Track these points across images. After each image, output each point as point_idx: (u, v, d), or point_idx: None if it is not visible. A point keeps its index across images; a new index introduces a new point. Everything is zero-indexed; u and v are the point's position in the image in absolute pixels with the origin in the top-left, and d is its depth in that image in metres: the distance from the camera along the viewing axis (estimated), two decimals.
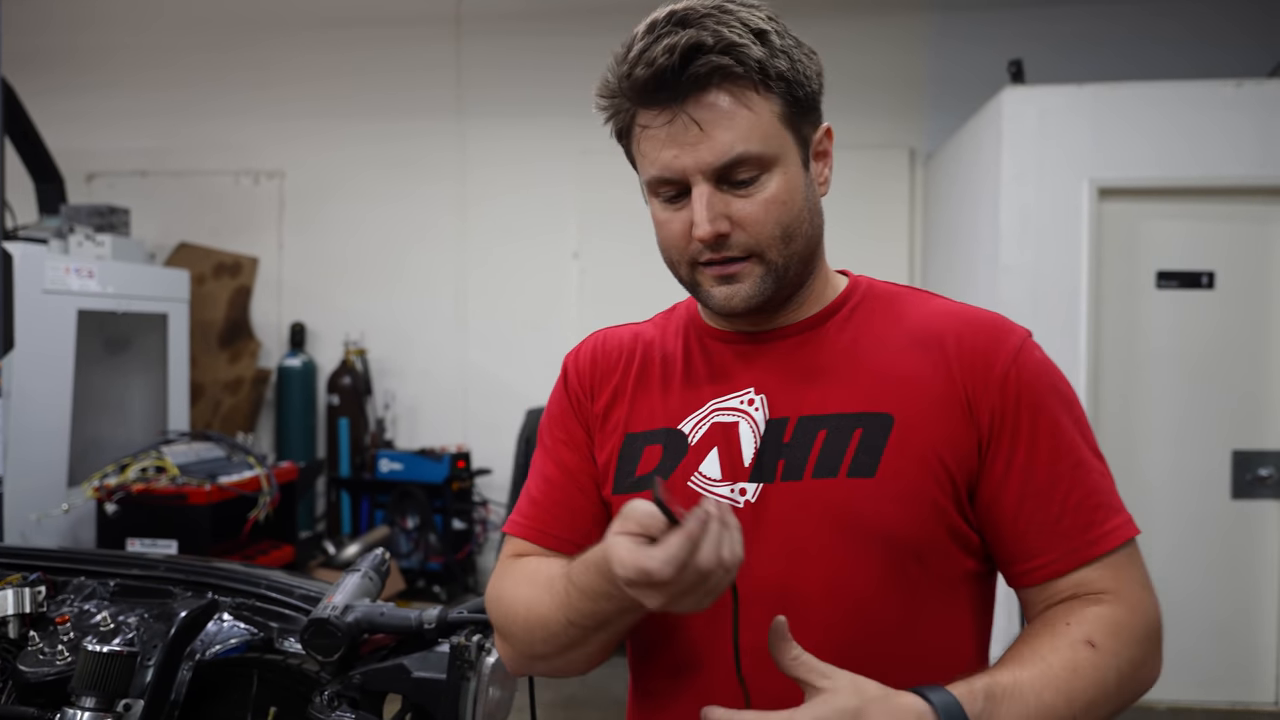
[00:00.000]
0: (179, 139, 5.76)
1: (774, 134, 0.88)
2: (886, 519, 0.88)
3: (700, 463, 0.95)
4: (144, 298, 4.48)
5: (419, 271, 5.64)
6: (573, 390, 1.06)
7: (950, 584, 0.92)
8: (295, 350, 5.58)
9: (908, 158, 5.33)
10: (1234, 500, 3.86)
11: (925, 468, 0.89)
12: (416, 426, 5.62)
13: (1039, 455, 0.90)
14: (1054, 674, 0.83)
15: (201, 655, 1.31)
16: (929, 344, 0.94)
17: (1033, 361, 0.93)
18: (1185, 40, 4.95)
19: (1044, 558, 0.89)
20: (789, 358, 0.96)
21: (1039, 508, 0.89)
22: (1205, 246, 3.86)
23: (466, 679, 1.22)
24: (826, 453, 0.90)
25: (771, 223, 0.89)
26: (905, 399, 0.91)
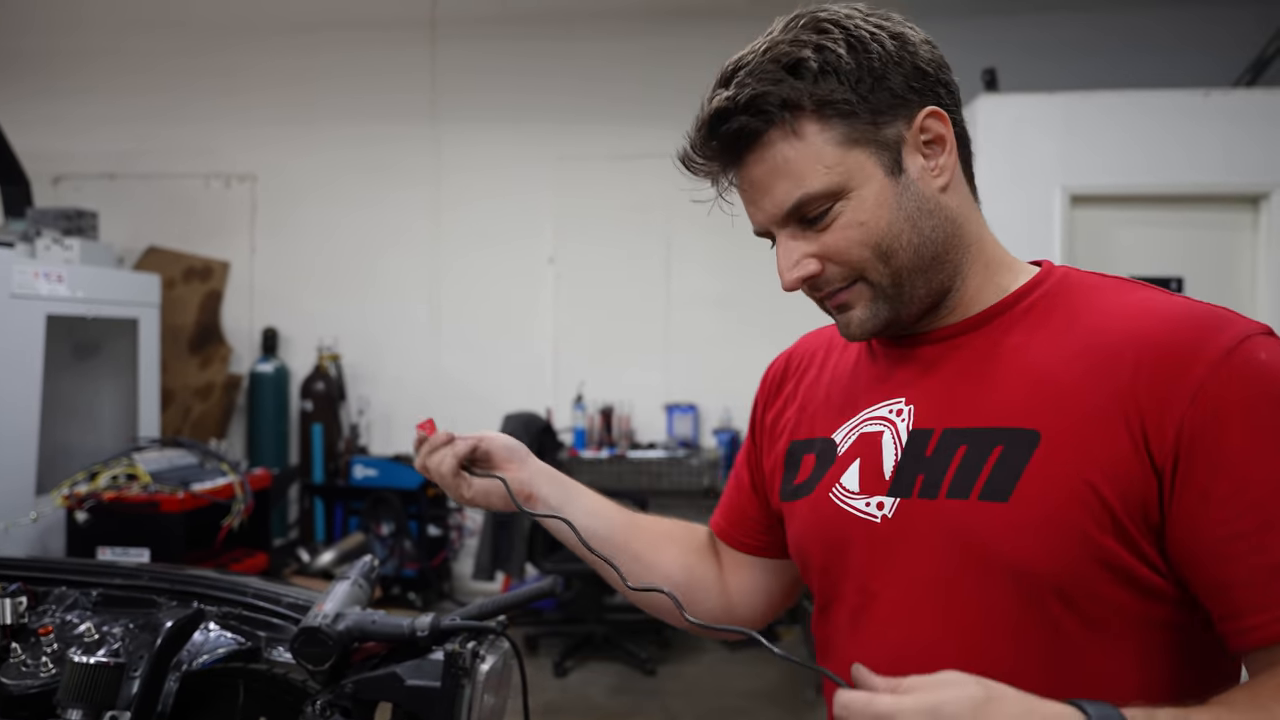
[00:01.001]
0: (148, 142, 5.69)
1: (834, 162, 0.83)
2: (1018, 550, 0.77)
3: (843, 473, 0.91)
4: (114, 302, 4.41)
5: (393, 277, 5.61)
6: (758, 397, 1.10)
7: (1115, 631, 0.78)
8: (267, 355, 5.52)
9: None
10: None
11: (1072, 494, 0.76)
12: (391, 432, 5.57)
13: (1246, 488, 0.72)
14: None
15: (189, 665, 1.29)
16: (1106, 347, 0.79)
17: (1250, 366, 0.74)
18: (1155, 50, 5.04)
19: (1257, 616, 0.71)
20: (942, 362, 0.89)
21: (1245, 553, 0.71)
22: (1174, 252, 3.93)
23: (462, 686, 1.20)
24: (963, 471, 0.82)
25: (857, 247, 0.84)
26: (1059, 413, 0.78)
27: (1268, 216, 3.84)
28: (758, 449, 1.07)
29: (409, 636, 1.26)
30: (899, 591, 0.84)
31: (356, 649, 1.33)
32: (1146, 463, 0.75)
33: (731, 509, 1.11)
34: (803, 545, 0.96)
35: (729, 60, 0.87)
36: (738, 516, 1.10)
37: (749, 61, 0.84)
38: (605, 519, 1.10)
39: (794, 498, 0.97)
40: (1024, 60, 4.91)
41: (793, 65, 0.83)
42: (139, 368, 4.59)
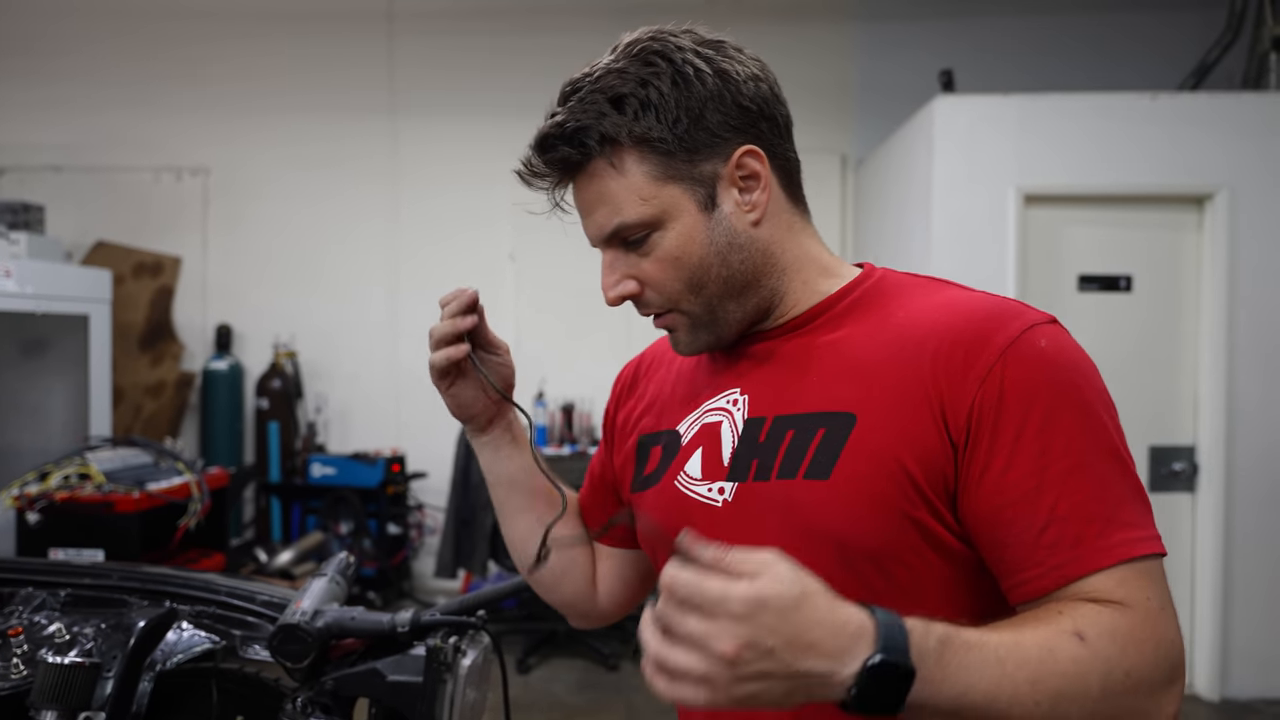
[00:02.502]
0: (97, 134, 5.56)
1: (650, 195, 0.88)
2: (838, 523, 0.84)
3: (686, 462, 0.97)
4: (63, 298, 4.31)
5: (350, 272, 5.55)
6: (611, 398, 1.16)
7: (930, 599, 0.84)
8: (221, 353, 5.42)
9: (839, 163, 5.44)
10: (1151, 493, 4.01)
11: (883, 469, 0.83)
12: (349, 430, 5.52)
13: (1021, 459, 0.80)
14: (1025, 650, 0.72)
15: (163, 665, 1.28)
16: (914, 338, 0.87)
17: (1032, 352, 0.82)
18: (1105, 54, 5.17)
19: (1027, 572, 0.80)
20: (772, 356, 0.96)
21: (1019, 517, 0.80)
22: (1123, 251, 4.03)
23: (443, 681, 1.21)
24: (791, 453, 0.89)
25: (670, 280, 0.92)
26: (872, 397, 0.86)
27: (1212, 216, 3.95)
28: (610, 446, 1.14)
29: (389, 632, 1.26)
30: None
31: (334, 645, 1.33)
32: (945, 439, 0.83)
33: (589, 506, 1.17)
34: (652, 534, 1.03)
35: (569, 78, 0.92)
36: (596, 512, 1.16)
37: (582, 87, 0.90)
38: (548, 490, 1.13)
39: (643, 488, 1.03)
40: (980, 63, 5.01)
41: (617, 99, 0.88)
42: (90, 365, 4.49)
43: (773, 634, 0.65)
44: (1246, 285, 3.93)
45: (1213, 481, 3.95)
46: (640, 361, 1.15)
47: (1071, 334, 0.87)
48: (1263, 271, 3.94)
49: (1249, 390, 3.94)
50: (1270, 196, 3.94)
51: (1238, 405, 3.94)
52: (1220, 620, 3.94)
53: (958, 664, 0.70)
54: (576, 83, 0.91)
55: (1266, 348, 3.95)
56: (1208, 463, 3.97)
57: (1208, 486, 3.97)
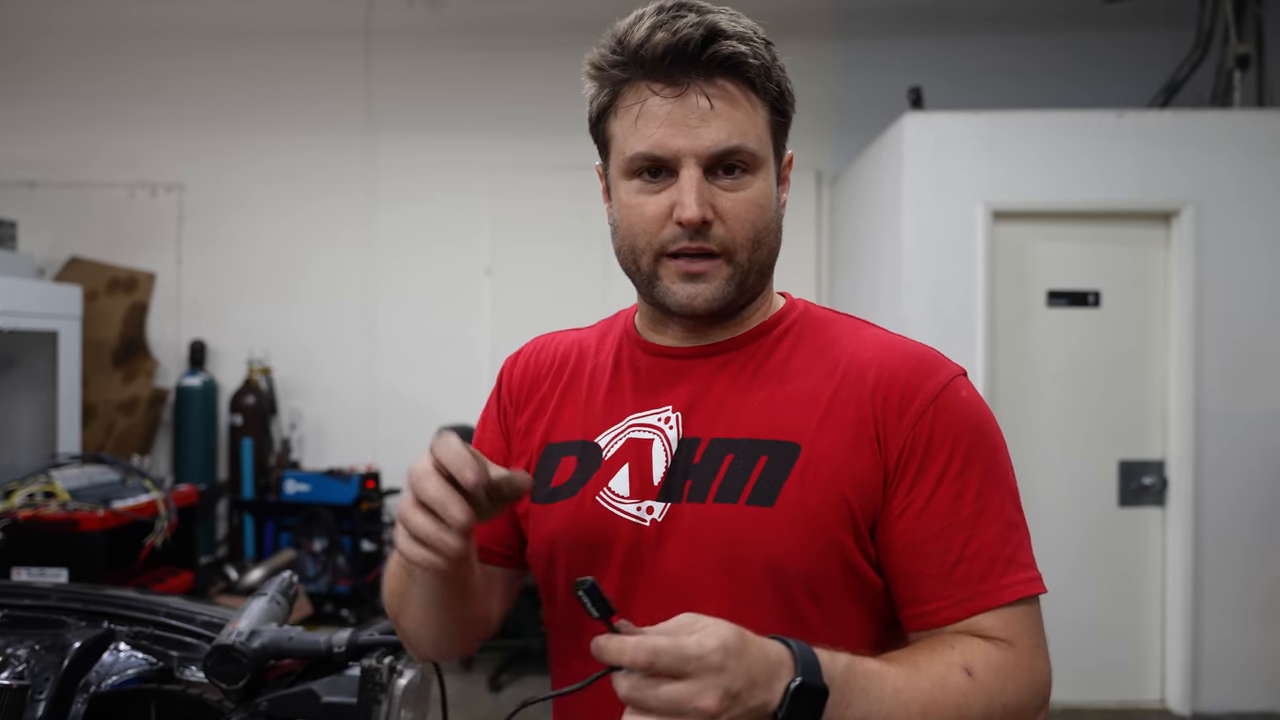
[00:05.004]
0: (70, 149, 5.54)
1: (765, 138, 0.90)
2: (779, 550, 0.86)
3: (611, 478, 0.94)
4: (32, 314, 4.28)
5: (326, 288, 5.53)
6: (503, 400, 1.07)
7: (847, 622, 0.89)
8: (195, 369, 5.39)
9: (814, 180, 5.47)
10: (1120, 508, 4.06)
11: (826, 501, 0.86)
12: (324, 446, 5.49)
13: (940, 498, 0.86)
14: (919, 682, 0.80)
15: (97, 687, 1.27)
16: (851, 374, 0.91)
17: (956, 402, 0.89)
18: (1073, 72, 5.22)
19: (936, 603, 0.86)
20: (710, 378, 0.95)
21: (934, 551, 0.86)
22: (1092, 267, 4.06)
23: (378, 702, 1.20)
24: (730, 478, 0.89)
25: (749, 223, 0.90)
26: (815, 429, 0.89)
27: (1179, 232, 3.99)
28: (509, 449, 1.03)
29: (326, 653, 1.26)
30: (662, 588, 0.89)
31: (272, 666, 1.32)
32: (881, 470, 0.88)
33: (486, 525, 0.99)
34: (556, 545, 0.96)
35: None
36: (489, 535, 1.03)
37: (718, 8, 0.89)
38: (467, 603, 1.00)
39: (551, 499, 0.97)
40: (953, 81, 5.06)
41: (767, 42, 0.90)
42: (59, 382, 4.45)
43: (738, 678, 0.70)
44: (1214, 300, 3.97)
45: (1182, 496, 3.97)
46: (536, 363, 1.07)
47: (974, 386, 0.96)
48: (1229, 287, 3.98)
49: (1217, 405, 3.97)
50: (1236, 212, 3.99)
51: (1206, 420, 3.97)
52: (1191, 634, 3.96)
53: (860, 689, 0.77)
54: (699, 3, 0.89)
55: (1234, 362, 3.99)
56: (1177, 477, 4.00)
57: (1177, 501, 4.00)
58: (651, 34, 0.86)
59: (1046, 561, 0.92)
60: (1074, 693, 3.98)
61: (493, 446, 1.06)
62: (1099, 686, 4.04)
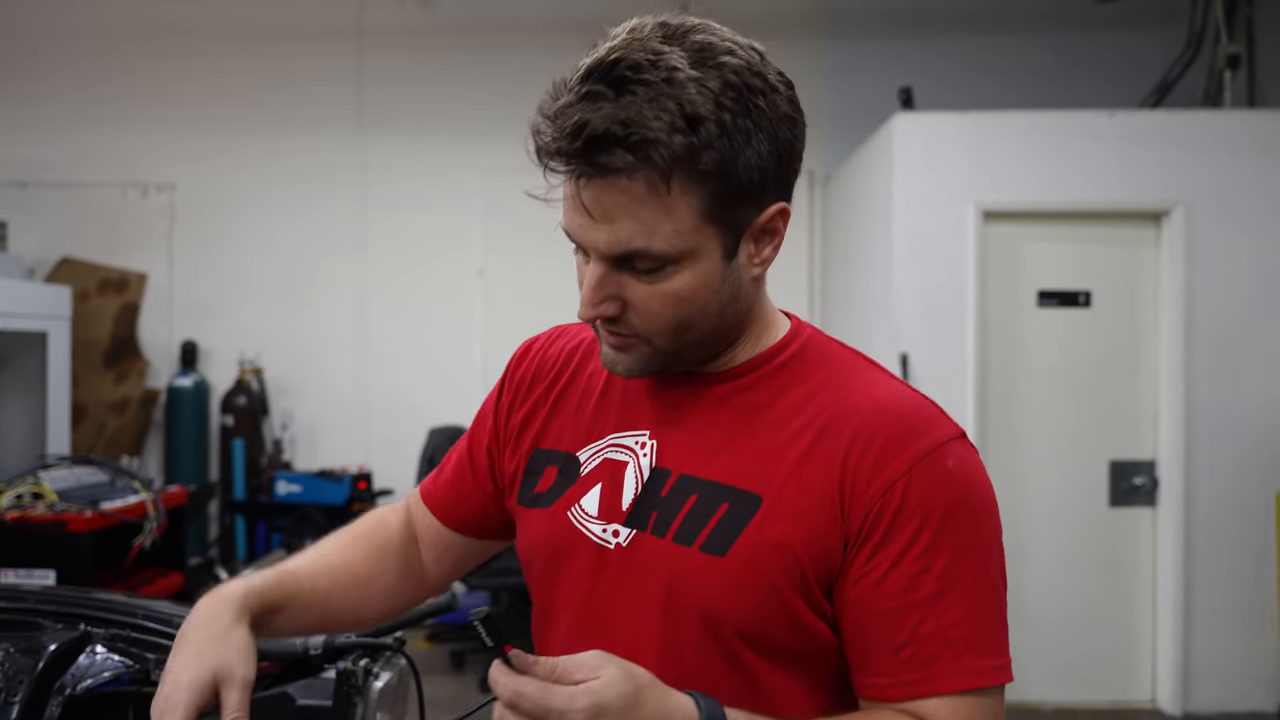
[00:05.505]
0: (62, 149, 5.52)
1: (688, 230, 0.80)
2: (722, 602, 0.85)
3: (583, 495, 0.94)
4: (20, 315, 4.27)
5: (318, 288, 5.52)
6: (505, 394, 1.07)
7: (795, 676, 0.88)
8: (186, 369, 5.38)
9: (806, 181, 5.47)
10: (1111, 508, 4.07)
11: (778, 559, 0.84)
12: (316, 447, 5.48)
13: (899, 574, 0.82)
14: None
15: (72, 690, 1.25)
16: (831, 428, 0.86)
17: (936, 471, 0.83)
18: (1063, 72, 5.23)
19: (880, 679, 0.83)
20: (692, 408, 0.92)
21: (884, 629, 0.82)
22: (1082, 267, 4.06)
23: (354, 705, 1.19)
24: (690, 519, 0.87)
25: (667, 316, 0.84)
26: (781, 484, 0.85)
27: (1169, 232, 4.00)
28: (499, 442, 1.05)
29: (302, 655, 1.24)
30: (621, 615, 0.89)
31: None
32: (841, 534, 0.84)
33: (455, 489, 1.09)
34: (531, 553, 0.99)
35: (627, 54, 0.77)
36: (460, 498, 1.08)
37: (650, 81, 0.76)
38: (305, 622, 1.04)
39: (531, 505, 0.98)
40: (945, 81, 5.06)
41: (694, 120, 0.77)
42: (48, 383, 4.44)
43: None
44: (1204, 300, 3.97)
45: (1173, 495, 3.98)
46: (543, 359, 1.05)
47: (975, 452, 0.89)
48: (1220, 286, 3.98)
49: (1208, 404, 3.97)
50: (1226, 212, 3.99)
51: (1197, 419, 3.97)
52: (1182, 634, 3.96)
53: None
54: (638, 68, 0.76)
55: (1224, 362, 3.99)
56: (1168, 477, 4.00)
57: (1168, 500, 4.00)
58: (538, 130, 0.79)
59: (1038, 562, 0.89)
60: (1065, 692, 3.98)
61: (483, 431, 1.07)
62: (1090, 686, 4.04)
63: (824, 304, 5.35)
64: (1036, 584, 3.86)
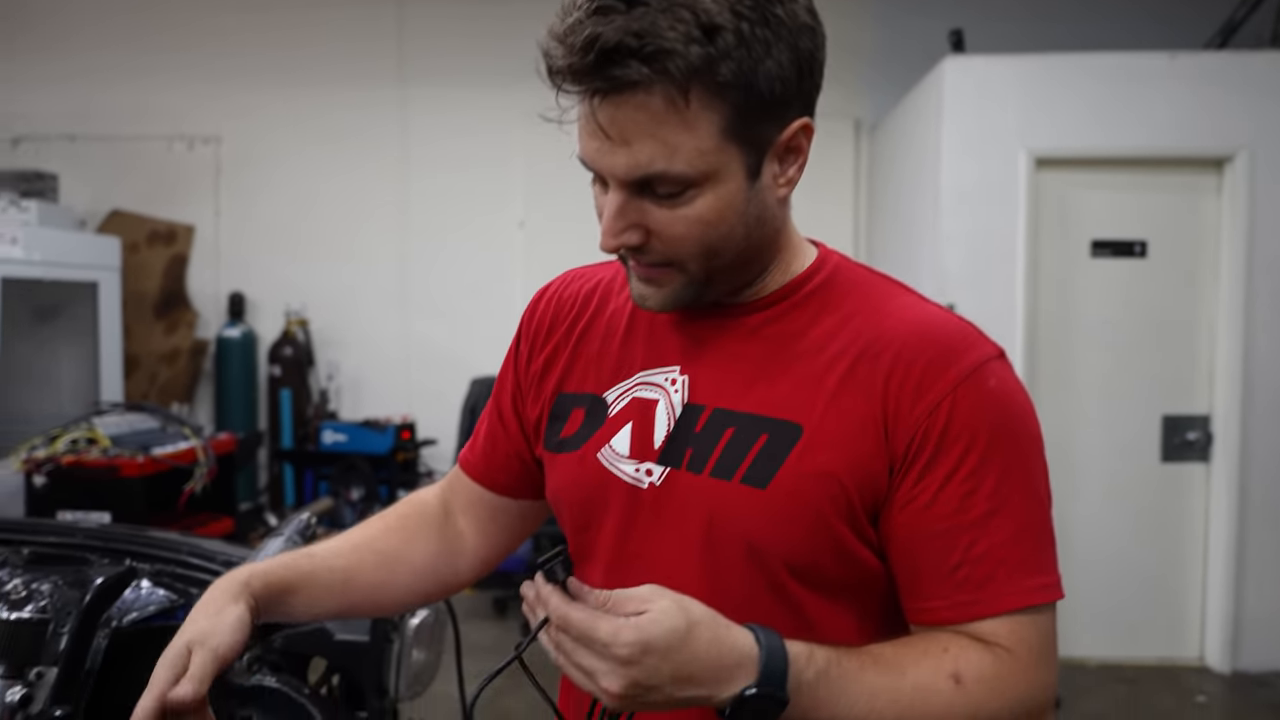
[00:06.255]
0: (108, 102, 5.57)
1: (709, 148, 0.77)
2: (766, 534, 0.83)
3: (613, 435, 0.92)
4: (72, 265, 4.35)
5: (361, 240, 5.55)
6: (521, 345, 1.05)
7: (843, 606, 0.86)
8: (234, 320, 5.46)
9: (853, 128, 5.35)
10: (1163, 463, 3.98)
11: (822, 487, 0.82)
12: (360, 397, 5.55)
13: (947, 496, 0.81)
14: (901, 688, 0.78)
15: (119, 623, 1.28)
16: (869, 353, 0.84)
17: (981, 392, 0.82)
18: (1122, 12, 5.02)
19: (934, 602, 0.82)
20: (721, 341, 0.89)
21: (935, 551, 0.81)
22: (1138, 216, 3.93)
23: (390, 641, 1.21)
24: (728, 453, 0.85)
25: (692, 241, 0.81)
26: (822, 410, 0.83)
27: (1231, 180, 3.85)
28: (521, 392, 1.03)
29: None
30: (658, 555, 0.88)
31: None
32: (886, 459, 0.82)
33: (490, 449, 1.06)
34: (560, 499, 0.97)
35: None
36: (497, 457, 1.05)
37: None
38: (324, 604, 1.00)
39: (558, 450, 0.96)
40: (995, 22, 4.88)
41: (711, 29, 0.74)
42: (100, 332, 4.54)
43: (655, 674, 0.71)
44: (1265, 250, 3.83)
45: (1227, 451, 3.88)
46: (559, 302, 1.03)
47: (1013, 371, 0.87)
48: None
49: (1266, 358, 3.85)
50: None
51: (1254, 374, 3.85)
52: (1233, 591, 3.88)
53: (830, 695, 0.76)
54: None
55: None
56: (1222, 432, 3.89)
57: (1222, 456, 3.90)
58: (549, 50, 0.77)
59: (1086, 517, 0.86)
60: (1111, 648, 3.94)
61: (505, 387, 1.06)
62: (1137, 643, 3.99)
63: (869, 254, 5.26)
64: (1084, 539, 3.80)
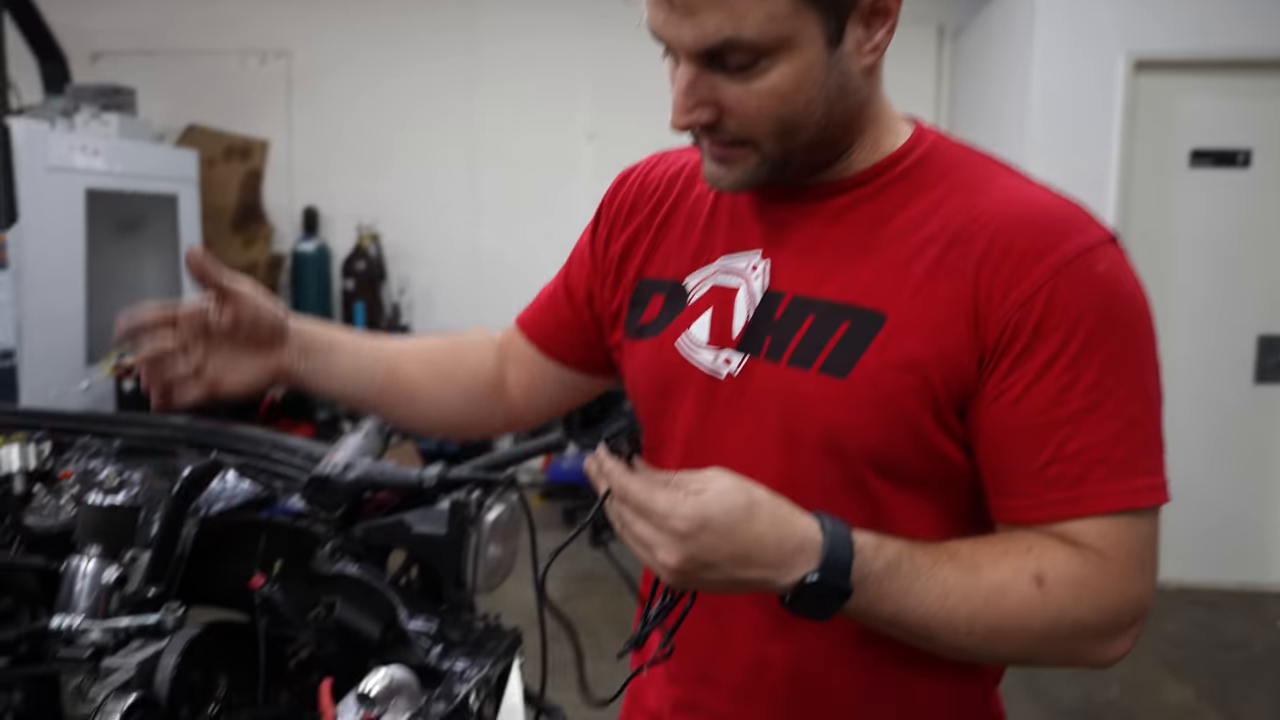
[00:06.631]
0: (182, 17, 5.59)
1: (782, 13, 0.72)
2: (845, 425, 0.79)
3: (692, 323, 0.89)
4: (152, 177, 4.43)
5: (430, 153, 5.55)
6: (601, 225, 1.02)
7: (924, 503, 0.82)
8: (308, 234, 5.54)
9: (935, 34, 5.12)
10: (1256, 385, 3.82)
11: (905, 378, 0.77)
12: (432, 310, 5.62)
13: (1041, 389, 0.75)
14: (977, 586, 0.74)
15: (206, 512, 1.32)
16: (962, 236, 0.78)
17: (1087, 278, 0.75)
18: None
19: (1021, 501, 0.77)
20: (805, 224, 0.84)
21: (1026, 448, 0.76)
22: (1243, 123, 3.71)
23: (466, 534, 1.22)
24: (807, 341, 0.81)
25: (767, 117, 0.76)
26: (907, 298, 0.78)
27: None
28: (598, 271, 1.01)
29: (417, 486, 1.28)
30: (734, 445, 0.85)
31: (368, 499, 1.35)
32: (976, 351, 0.77)
33: (551, 315, 1.05)
34: (638, 386, 0.95)
35: None
36: (557, 324, 1.05)
37: None
38: (366, 377, 1.02)
39: (638, 336, 0.94)
40: None
41: None
42: (180, 244, 4.64)
43: (712, 551, 0.70)
44: None
45: None
46: (643, 184, 0.99)
47: (1128, 257, 0.81)
48: None
49: None
50: None
51: None
52: None
53: (899, 589, 0.74)
54: None
55: None
56: None
57: None
58: None
59: (1172, 438, 0.80)
60: (1191, 571, 3.85)
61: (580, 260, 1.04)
62: (1218, 567, 3.90)
63: None
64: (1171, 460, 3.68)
